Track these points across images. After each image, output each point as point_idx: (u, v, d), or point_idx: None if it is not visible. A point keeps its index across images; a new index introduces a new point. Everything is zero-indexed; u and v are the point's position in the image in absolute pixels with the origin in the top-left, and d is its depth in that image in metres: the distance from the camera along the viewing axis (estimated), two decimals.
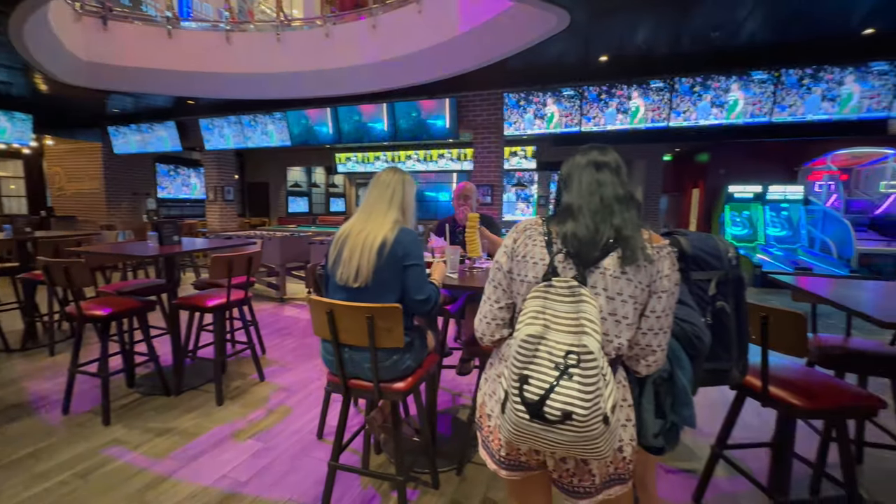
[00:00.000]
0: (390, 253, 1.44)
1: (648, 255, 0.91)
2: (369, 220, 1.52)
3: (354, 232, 1.50)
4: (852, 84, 4.02)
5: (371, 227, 1.49)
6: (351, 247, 1.47)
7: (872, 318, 1.31)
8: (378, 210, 1.53)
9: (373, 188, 1.58)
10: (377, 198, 1.54)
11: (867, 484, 2.00)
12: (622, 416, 0.93)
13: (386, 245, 1.44)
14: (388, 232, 1.47)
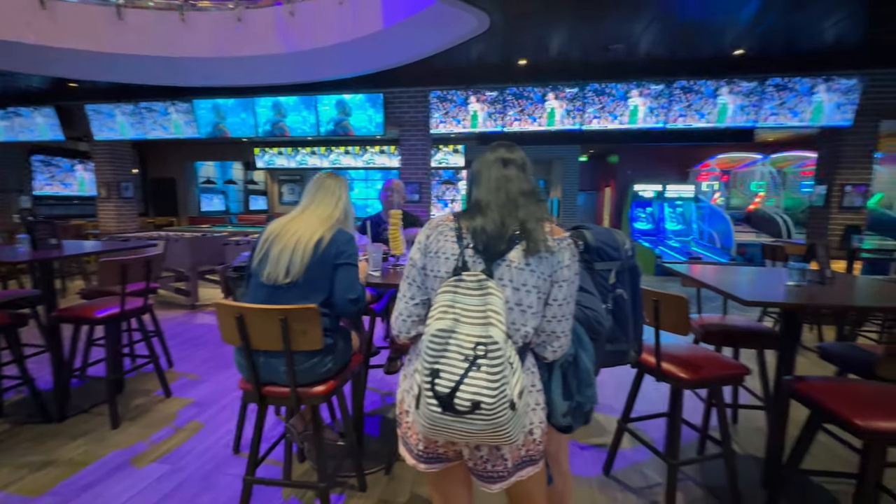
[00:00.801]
0: (325, 250, 1.42)
1: (550, 247, 0.96)
2: (309, 219, 1.50)
3: (291, 230, 1.46)
4: (727, 96, 4.64)
5: (309, 225, 1.48)
6: (283, 244, 1.43)
7: (739, 299, 1.53)
8: (320, 212, 1.52)
9: (317, 191, 1.57)
10: (321, 201, 1.55)
11: (740, 440, 2.33)
12: (531, 400, 0.98)
13: (322, 242, 1.43)
14: (327, 231, 1.46)
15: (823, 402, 1.40)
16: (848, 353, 1.82)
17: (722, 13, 3.42)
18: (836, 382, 1.53)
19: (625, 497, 1.87)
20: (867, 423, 1.28)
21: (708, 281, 1.88)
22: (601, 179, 12.29)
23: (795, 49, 4.13)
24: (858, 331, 3.61)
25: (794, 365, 1.80)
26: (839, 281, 1.94)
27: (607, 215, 11.38)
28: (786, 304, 1.55)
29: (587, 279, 1.26)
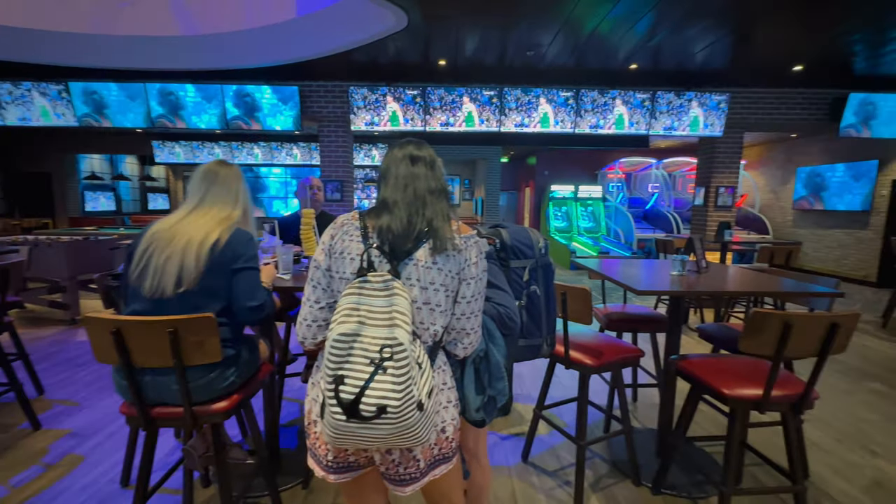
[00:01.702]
0: (221, 253, 1.27)
1: (456, 245, 0.97)
2: (201, 220, 1.32)
3: (179, 234, 1.27)
4: (622, 107, 5.14)
5: (201, 226, 1.30)
6: (169, 251, 1.24)
7: (633, 289, 1.68)
8: (216, 211, 1.35)
9: (210, 185, 1.38)
10: (216, 197, 1.37)
11: (639, 416, 2.59)
12: (443, 398, 0.98)
13: (218, 245, 1.27)
14: (224, 231, 1.30)
15: (700, 377, 1.60)
16: (720, 332, 2.10)
17: (618, 30, 3.77)
18: (710, 358, 1.75)
19: (541, 481, 1.97)
20: (732, 391, 1.49)
21: (609, 273, 2.05)
22: (521, 180, 12.92)
23: (678, 67, 4.70)
24: (731, 312, 4.21)
25: (680, 345, 2.03)
26: (713, 270, 2.23)
27: (528, 214, 12.00)
28: (668, 292, 1.74)
29: (501, 276, 1.29)
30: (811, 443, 2.29)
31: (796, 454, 1.55)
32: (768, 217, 8.92)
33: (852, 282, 7.20)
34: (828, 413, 2.64)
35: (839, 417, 2.59)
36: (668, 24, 3.65)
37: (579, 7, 3.35)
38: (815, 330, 1.38)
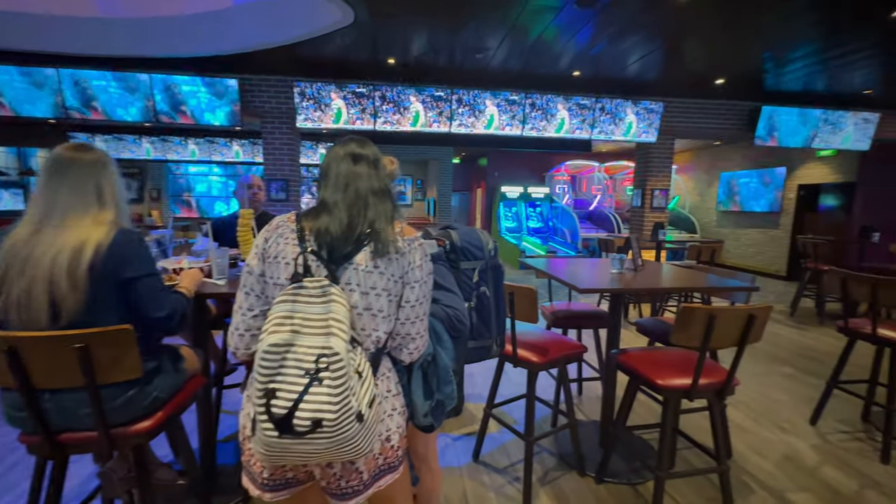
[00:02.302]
0: (104, 266, 1.05)
1: (399, 248, 0.94)
2: (64, 230, 1.05)
3: (38, 252, 1.02)
4: (565, 112, 5.36)
5: (67, 236, 1.04)
6: (30, 278, 1.00)
7: (575, 287, 1.75)
8: (78, 210, 1.09)
9: (56, 177, 1.09)
10: (75, 191, 1.09)
11: (584, 409, 2.70)
12: (387, 406, 0.95)
13: (98, 255, 1.05)
14: (102, 237, 1.07)
15: (637, 369, 1.69)
16: (655, 326, 2.24)
17: (561, 38, 3.92)
18: (646, 352, 1.86)
19: (492, 479, 1.99)
20: (665, 381, 1.59)
21: (555, 273, 2.12)
22: (473, 181, 13.10)
23: (616, 76, 4.97)
24: (665, 307, 4.52)
25: (620, 340, 2.14)
26: (648, 267, 2.37)
27: (479, 214, 12.18)
28: (607, 290, 1.83)
29: (450, 278, 1.28)
30: (734, 424, 2.51)
31: (720, 437, 1.68)
32: (696, 217, 9.70)
33: (766, 276, 8.01)
34: (747, 396, 2.90)
35: (756, 399, 2.86)
36: (606, 36, 3.85)
37: (524, 14, 3.44)
38: (736, 322, 1.50)
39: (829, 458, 2.19)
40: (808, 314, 5.13)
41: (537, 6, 3.30)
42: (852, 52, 4.15)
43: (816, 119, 5.74)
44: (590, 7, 3.27)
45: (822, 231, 7.01)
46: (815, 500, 1.88)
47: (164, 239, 1.86)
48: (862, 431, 2.46)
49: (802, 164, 7.50)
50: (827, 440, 2.37)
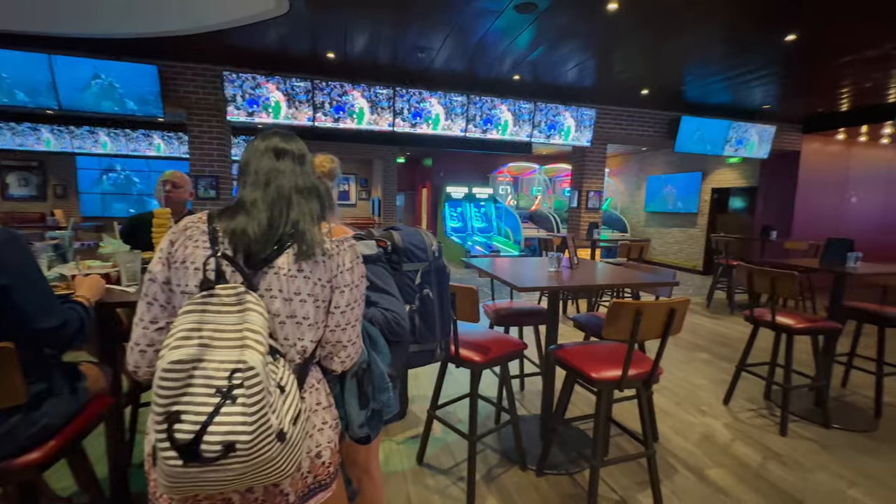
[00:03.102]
0: None
1: (327, 250, 0.88)
2: None
3: None
4: (507, 114, 5.51)
5: None
6: None
7: (514, 286, 1.78)
8: None
9: None
10: None
11: (527, 404, 2.78)
12: (316, 421, 0.90)
13: None
14: None
15: (573, 363, 1.76)
16: (590, 321, 2.35)
17: (502, 42, 4.01)
18: (581, 346, 1.94)
19: (436, 481, 1.98)
20: (598, 374, 1.66)
21: (497, 272, 2.15)
22: (418, 180, 13.06)
23: (555, 81, 5.19)
24: (600, 302, 4.79)
25: (558, 335, 2.22)
26: (582, 265, 2.49)
27: (425, 214, 12.17)
28: (543, 288, 1.89)
29: (390, 280, 1.24)
30: (660, 409, 2.70)
31: (648, 423, 1.79)
32: (627, 218, 10.41)
33: (686, 271, 8.78)
34: (671, 382, 3.15)
35: (678, 384, 3.11)
36: (544, 42, 3.99)
37: (466, 15, 3.47)
38: (659, 315, 1.61)
39: (739, 435, 2.43)
40: (722, 305, 5.69)
41: (479, 8, 3.34)
42: (753, 71, 4.66)
43: (726, 129, 6.38)
44: (528, 13, 3.37)
45: (731, 230, 7.82)
46: (728, 475, 2.07)
47: (64, 242, 1.63)
48: (765, 409, 2.76)
49: (715, 169, 8.31)
50: (737, 418, 2.62)
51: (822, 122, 6.52)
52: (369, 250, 1.21)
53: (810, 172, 6.87)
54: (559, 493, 1.90)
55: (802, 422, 2.58)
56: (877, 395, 2.68)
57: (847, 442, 2.37)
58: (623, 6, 3.23)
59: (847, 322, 2.88)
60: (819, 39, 3.78)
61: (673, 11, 3.33)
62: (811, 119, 6.60)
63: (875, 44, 3.83)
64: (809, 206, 6.90)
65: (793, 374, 2.55)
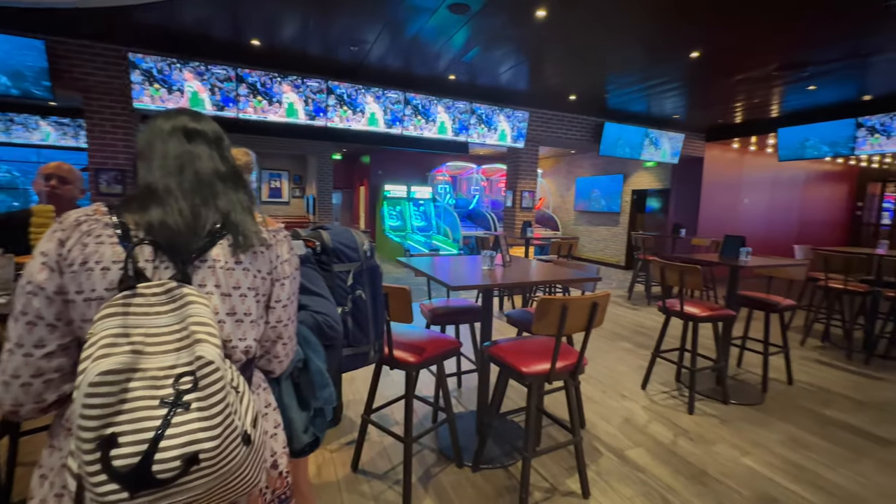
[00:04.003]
0: None
1: (265, 240, 0.81)
2: None
3: None
4: (444, 114, 5.55)
5: None
6: None
7: (446, 285, 1.78)
8: None
9: None
10: None
11: (464, 401, 2.81)
12: (268, 425, 0.82)
13: None
14: None
15: (505, 359, 1.80)
16: (522, 316, 2.43)
17: (438, 40, 4.01)
18: (513, 342, 1.99)
19: (372, 487, 1.93)
20: (528, 368, 1.72)
21: (433, 271, 2.14)
22: (356, 178, 12.73)
23: (489, 83, 5.31)
24: (534, 298, 5.00)
25: (492, 332, 2.26)
26: (515, 263, 2.56)
27: (363, 213, 11.90)
28: (474, 286, 1.91)
29: (320, 282, 1.18)
30: (587, 397, 2.87)
31: (575, 412, 1.89)
32: (558, 216, 10.99)
33: (611, 266, 9.46)
34: (596, 371, 3.36)
35: (602, 373, 3.33)
36: (479, 43, 4.06)
37: (399, 11, 3.42)
38: (583, 309, 1.70)
39: (654, 416, 2.65)
40: (641, 297, 6.20)
41: (412, 5, 3.31)
42: (665, 84, 5.12)
43: (643, 136, 6.95)
44: (461, 14, 3.41)
45: (649, 228, 8.57)
46: (646, 453, 2.25)
47: None
48: (676, 390, 3.04)
49: (634, 172, 9.04)
50: (653, 401, 2.87)
51: (721, 132, 7.36)
52: (297, 250, 1.14)
53: (712, 177, 7.71)
54: (495, 487, 1.94)
55: (707, 400, 2.88)
56: (764, 372, 3.07)
57: (742, 415, 2.68)
58: (550, 14, 3.38)
59: (741, 309, 3.26)
60: (717, 58, 4.24)
61: (594, 23, 3.54)
62: (712, 129, 7.42)
63: (761, 65, 4.38)
64: (712, 207, 7.75)
65: (698, 358, 2.84)
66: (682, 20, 3.45)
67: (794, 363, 3.47)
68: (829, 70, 4.44)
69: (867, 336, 3.84)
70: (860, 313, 4.01)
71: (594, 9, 3.28)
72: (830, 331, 4.31)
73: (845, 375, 3.41)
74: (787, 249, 8.37)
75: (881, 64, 4.21)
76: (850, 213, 9.77)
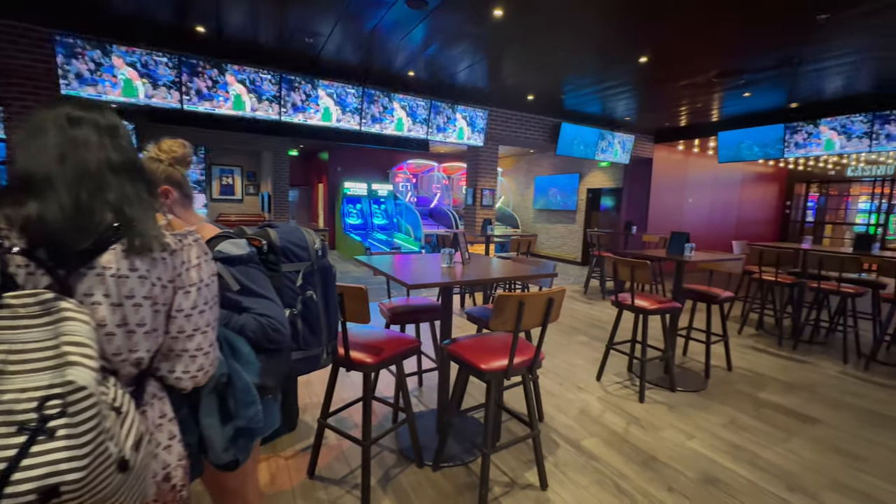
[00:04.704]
0: None
1: (167, 244, 0.75)
2: None
3: None
4: (402, 110, 5.49)
5: None
6: None
7: (404, 283, 1.75)
8: None
9: None
10: None
11: (426, 399, 2.79)
12: (162, 437, 0.76)
13: None
14: None
15: (464, 357, 1.80)
16: (482, 313, 2.44)
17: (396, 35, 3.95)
18: (472, 339, 2.00)
19: (328, 493, 1.87)
20: (486, 365, 1.73)
21: (392, 269, 2.10)
22: (314, 175, 12.36)
23: (449, 81, 5.30)
24: (494, 295, 5.06)
25: (452, 330, 2.25)
26: (474, 261, 2.57)
27: (322, 211, 11.58)
28: (431, 284, 1.89)
29: (265, 283, 1.11)
30: (545, 390, 2.94)
31: (533, 406, 1.92)
32: (518, 215, 11.20)
33: (568, 262, 9.77)
34: (553, 365, 3.45)
35: (560, 366, 3.42)
36: (437, 40, 4.04)
37: (353, 3, 3.33)
38: (539, 304, 1.73)
39: (608, 406, 2.75)
40: (596, 291, 6.44)
41: None
42: (617, 87, 5.33)
43: (598, 136, 7.21)
44: (419, 9, 3.37)
45: (603, 225, 8.92)
46: (600, 442, 2.33)
47: None
48: (628, 380, 3.18)
49: (589, 172, 9.37)
50: (607, 391, 2.98)
51: (668, 135, 7.77)
52: (239, 250, 1.07)
53: (660, 177, 8.13)
54: (455, 485, 1.94)
55: (656, 388, 3.03)
56: (706, 360, 3.27)
57: (687, 401, 2.84)
58: (507, 14, 3.41)
59: (686, 301, 3.46)
60: (664, 64, 4.46)
61: (551, 25, 3.62)
62: (660, 131, 7.82)
63: (703, 72, 4.66)
64: (660, 205, 8.17)
65: (648, 349, 2.98)
66: (632, 26, 3.60)
67: (732, 351, 3.72)
68: (763, 78, 4.79)
69: (794, 324, 4.20)
70: (788, 303, 4.37)
71: (550, 11, 3.35)
72: (764, 319, 4.67)
73: (777, 360, 3.70)
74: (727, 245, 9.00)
75: (807, 74, 4.60)
76: (780, 211, 10.64)
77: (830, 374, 3.42)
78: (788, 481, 2.03)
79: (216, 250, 1.02)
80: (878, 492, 1.98)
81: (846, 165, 9.55)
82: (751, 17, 3.34)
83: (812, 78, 4.72)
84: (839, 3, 3.06)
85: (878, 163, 9.15)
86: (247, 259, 1.08)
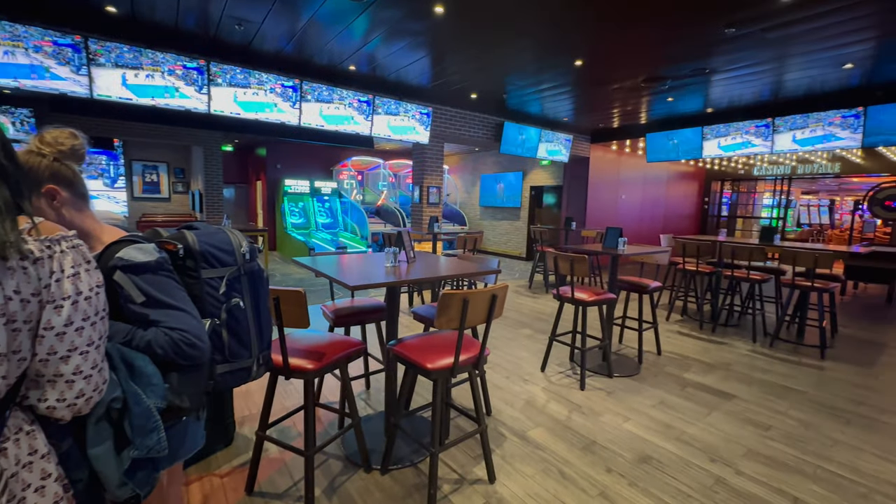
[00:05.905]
0: None
1: (28, 252, 0.65)
2: None
3: None
4: (344, 105, 5.33)
5: None
6: None
7: (346, 285, 1.69)
8: None
9: None
10: None
11: (373, 402, 2.73)
12: (32, 478, 0.67)
13: None
14: None
15: (409, 357, 1.77)
16: (427, 312, 2.43)
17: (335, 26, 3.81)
18: (418, 339, 1.97)
19: None
20: (432, 364, 1.71)
21: (335, 270, 2.02)
22: (252, 172, 11.67)
23: (392, 77, 5.22)
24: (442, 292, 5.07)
25: (398, 330, 2.22)
26: (419, 259, 2.55)
27: (261, 210, 10.97)
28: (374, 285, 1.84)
29: (177, 292, 0.99)
30: (492, 384, 2.99)
31: (480, 402, 1.94)
32: (465, 212, 11.33)
33: (513, 258, 10.05)
34: (500, 359, 3.52)
35: (506, 360, 3.51)
36: (378, 34, 3.95)
37: None
38: (483, 301, 1.74)
39: (552, 396, 2.86)
40: (540, 285, 6.68)
41: None
42: (555, 88, 5.54)
43: (539, 136, 7.47)
44: (359, 1, 3.27)
45: (546, 221, 9.27)
46: (545, 431, 2.41)
47: None
48: (570, 369, 3.33)
49: (532, 170, 9.69)
50: (551, 381, 3.09)
51: (602, 135, 8.23)
52: (145, 256, 0.95)
53: (597, 175, 8.60)
54: (404, 487, 1.91)
55: (595, 376, 3.19)
56: (639, 346, 3.51)
57: (623, 386, 3.03)
58: (448, 11, 3.41)
59: (620, 292, 3.68)
60: (597, 68, 4.70)
61: (491, 24, 3.67)
62: (596, 132, 8.26)
63: (631, 77, 4.97)
64: (597, 202, 8.65)
65: (587, 339, 3.13)
66: (567, 29, 3.74)
67: (661, 336, 4.03)
68: (683, 85, 5.21)
69: (713, 309, 4.62)
70: (708, 290, 4.80)
71: (491, 10, 3.40)
72: (687, 306, 5.10)
73: (699, 343, 4.06)
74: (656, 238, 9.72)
75: (720, 82, 5.06)
76: (699, 206, 11.68)
77: (742, 352, 3.81)
78: (710, 453, 2.23)
79: (117, 257, 0.91)
80: (784, 456, 2.23)
81: (753, 165, 10.69)
82: (666, 26, 3.60)
83: (722, 86, 5.21)
84: (745, 19, 3.39)
85: (779, 163, 10.36)
86: (155, 266, 0.97)
